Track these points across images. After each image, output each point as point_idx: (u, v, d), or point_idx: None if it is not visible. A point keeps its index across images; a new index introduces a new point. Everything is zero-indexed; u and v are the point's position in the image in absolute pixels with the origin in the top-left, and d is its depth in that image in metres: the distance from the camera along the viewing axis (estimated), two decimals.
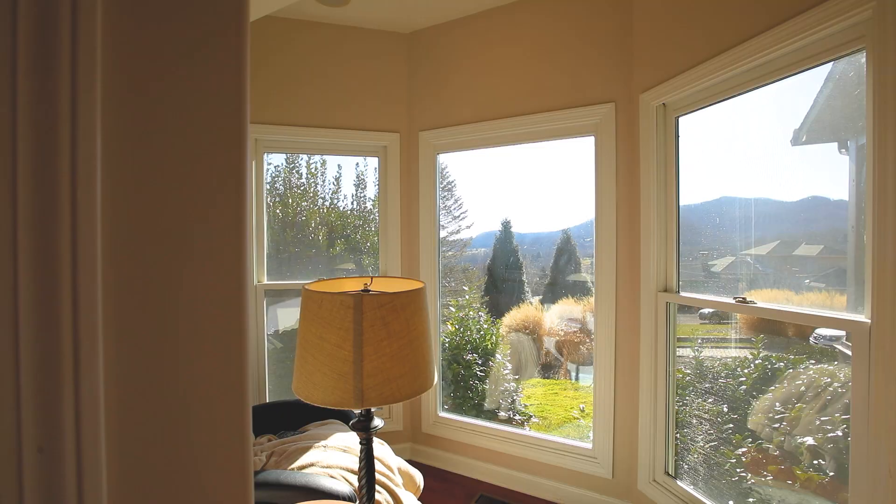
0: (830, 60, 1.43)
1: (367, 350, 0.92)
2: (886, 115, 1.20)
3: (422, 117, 2.79)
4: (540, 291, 4.05)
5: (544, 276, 4.05)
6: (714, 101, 1.80)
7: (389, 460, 1.87)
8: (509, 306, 3.94)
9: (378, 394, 0.92)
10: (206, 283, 0.46)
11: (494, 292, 3.95)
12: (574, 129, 2.35)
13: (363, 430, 1.08)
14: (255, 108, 2.62)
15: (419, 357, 1.00)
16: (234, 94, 0.48)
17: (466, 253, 3.96)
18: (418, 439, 2.89)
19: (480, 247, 4.01)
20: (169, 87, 0.44)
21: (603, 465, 2.30)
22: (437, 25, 2.72)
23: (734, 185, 1.83)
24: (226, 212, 0.48)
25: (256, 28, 2.60)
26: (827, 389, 1.56)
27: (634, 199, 2.18)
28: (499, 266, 3.93)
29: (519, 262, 3.99)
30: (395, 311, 0.95)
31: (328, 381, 0.93)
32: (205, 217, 0.48)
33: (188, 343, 0.45)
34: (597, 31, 2.25)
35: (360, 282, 1.21)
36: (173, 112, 0.44)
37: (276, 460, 1.66)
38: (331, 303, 0.93)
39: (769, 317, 1.67)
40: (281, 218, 3.14)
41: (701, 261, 1.97)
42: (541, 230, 3.87)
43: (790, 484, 1.66)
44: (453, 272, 3.94)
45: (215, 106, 0.47)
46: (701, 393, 1.98)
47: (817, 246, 1.56)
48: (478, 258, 4.02)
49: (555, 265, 3.85)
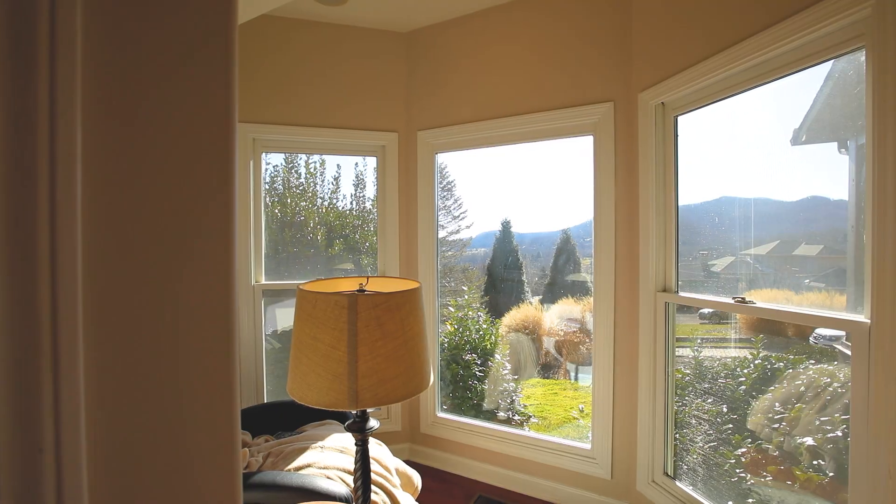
0: (830, 59, 1.42)
1: (362, 350, 0.91)
2: (886, 113, 1.19)
3: (420, 117, 2.78)
4: (540, 291, 4.05)
5: (544, 276, 4.05)
6: (713, 101, 1.79)
7: (387, 461, 1.87)
8: (509, 306, 3.94)
9: (373, 395, 0.92)
10: (193, 284, 0.45)
11: (494, 292, 3.95)
12: (573, 128, 2.34)
13: (359, 432, 1.07)
14: (252, 108, 2.61)
15: (414, 358, 0.99)
16: (223, 93, 0.47)
17: (466, 253, 3.96)
18: (417, 440, 2.88)
19: (480, 247, 4.01)
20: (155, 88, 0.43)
21: (602, 465, 2.29)
22: (436, 24, 2.71)
23: (734, 185, 1.82)
24: (214, 214, 0.47)
25: (254, 27, 2.59)
26: (826, 390, 1.55)
27: (633, 198, 2.17)
28: (498, 266, 3.93)
29: (518, 261, 3.99)
30: (390, 312, 0.94)
31: (322, 381, 0.92)
32: (192, 219, 0.47)
33: (175, 345, 0.44)
34: (595, 30, 2.24)
35: (355, 282, 1.21)
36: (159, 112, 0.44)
37: (272, 461, 1.65)
38: (325, 303, 0.93)
39: (768, 317, 1.66)
40: (280, 218, 3.13)
41: (701, 260, 1.96)
42: (540, 230, 3.87)
43: (790, 484, 1.65)
44: (453, 272, 3.94)
45: (202, 106, 0.47)
46: (700, 393, 1.98)
47: (817, 246, 1.55)
48: (477, 258, 4.01)
49: (554, 265, 3.85)
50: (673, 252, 2.03)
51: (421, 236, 2.80)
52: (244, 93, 2.60)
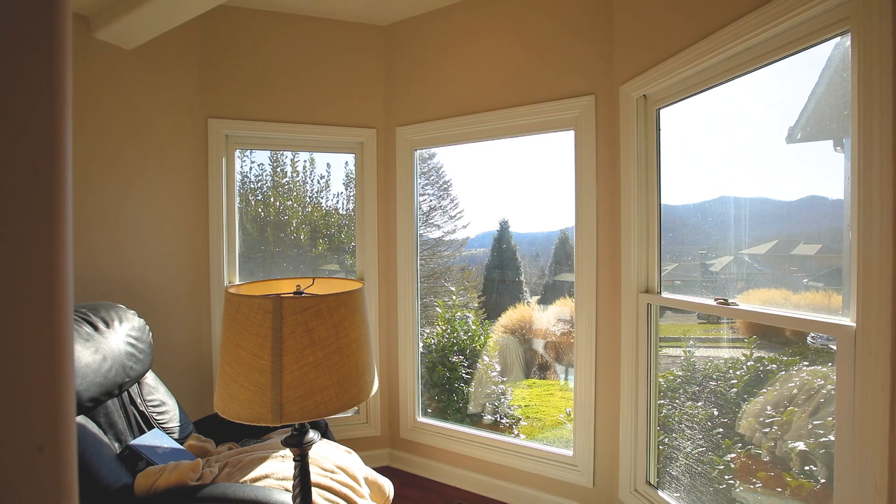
0: (816, 44, 1.34)
1: (288, 359, 0.83)
2: (871, 100, 1.10)
3: (399, 112, 2.70)
4: (538, 291, 4.00)
5: (543, 277, 3.99)
6: (695, 92, 1.70)
7: (355, 471, 1.78)
8: (506, 306, 3.88)
9: (299, 408, 0.83)
10: None
11: (491, 292, 3.90)
12: (553, 123, 2.25)
13: (296, 446, 0.98)
14: (223, 104, 2.53)
15: (351, 366, 0.90)
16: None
17: (464, 253, 3.89)
18: (396, 445, 2.79)
19: (479, 247, 3.95)
20: None
21: (583, 473, 2.20)
22: (416, 17, 2.62)
23: (732, 185, 1.77)
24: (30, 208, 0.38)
25: (226, 22, 2.51)
26: (820, 392, 1.50)
27: (615, 196, 2.08)
28: (496, 266, 3.88)
29: (517, 262, 3.93)
30: (321, 317, 0.86)
31: (245, 393, 0.84)
32: None
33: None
34: (578, 19, 2.15)
35: (303, 283, 1.12)
36: None
37: (228, 472, 1.57)
38: (248, 307, 0.84)
39: (750, 319, 1.59)
40: (263, 217, 3.05)
41: (699, 260, 1.89)
42: (539, 230, 3.81)
43: (780, 491, 1.59)
44: (450, 272, 3.87)
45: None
46: (690, 395, 1.90)
47: (816, 245, 1.51)
48: (476, 258, 3.96)
49: (553, 265, 3.79)
50: (656, 252, 1.94)
51: (400, 234, 2.72)
52: (216, 89, 2.52)
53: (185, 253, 2.47)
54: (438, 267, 3.96)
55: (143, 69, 2.29)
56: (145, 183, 2.31)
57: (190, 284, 2.48)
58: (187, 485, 1.41)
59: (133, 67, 2.25)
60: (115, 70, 2.19)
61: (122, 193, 2.23)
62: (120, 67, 2.20)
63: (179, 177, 2.44)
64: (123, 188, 2.23)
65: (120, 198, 2.22)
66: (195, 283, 2.50)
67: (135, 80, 2.26)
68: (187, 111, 2.46)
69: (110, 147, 2.18)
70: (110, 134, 2.18)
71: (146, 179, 2.32)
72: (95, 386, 1.51)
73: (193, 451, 1.80)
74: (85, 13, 2.05)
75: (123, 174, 2.23)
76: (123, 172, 2.23)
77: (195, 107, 2.49)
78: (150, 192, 2.33)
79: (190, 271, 2.49)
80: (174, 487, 1.39)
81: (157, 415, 1.84)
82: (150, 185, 2.33)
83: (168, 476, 1.40)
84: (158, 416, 1.83)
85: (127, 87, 2.23)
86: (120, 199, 2.22)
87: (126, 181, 2.24)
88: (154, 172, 2.34)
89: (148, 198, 2.32)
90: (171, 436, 1.81)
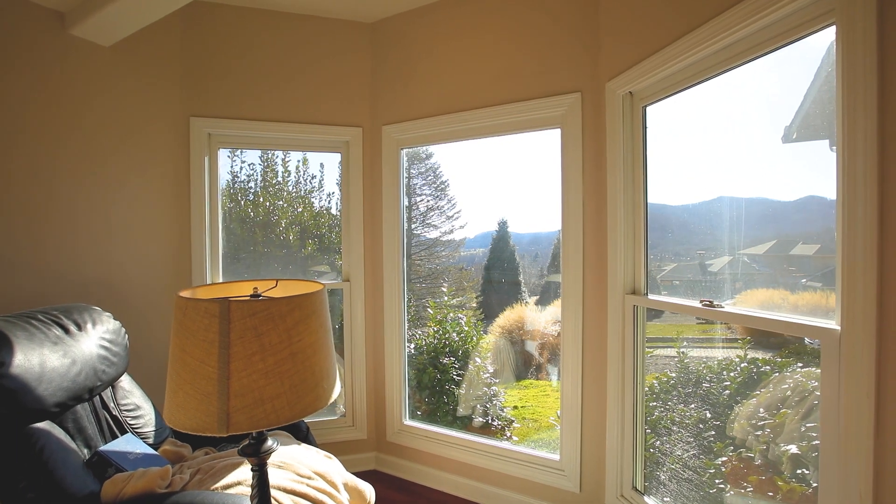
0: (802, 37, 1.31)
1: (236, 366, 0.79)
2: (855, 94, 1.06)
3: (385, 111, 2.65)
4: (537, 292, 3.97)
5: (541, 277, 3.96)
6: (682, 88, 1.66)
7: (333, 476, 1.74)
8: (504, 307, 3.85)
9: (247, 417, 0.79)
10: None
11: (490, 293, 3.87)
12: (539, 120, 2.21)
13: (253, 455, 0.94)
14: (207, 102, 2.49)
15: (306, 373, 0.86)
16: None
17: (462, 253, 3.86)
18: (383, 448, 2.75)
19: (478, 247, 3.92)
20: None
21: (570, 478, 2.15)
22: (402, 13, 2.58)
23: (728, 185, 1.75)
24: None
25: (208, 19, 2.47)
26: (813, 394, 1.48)
27: (602, 196, 2.03)
28: (495, 266, 3.85)
29: (516, 262, 3.90)
30: (272, 321, 0.82)
31: (191, 402, 0.80)
32: None
33: None
34: (565, 13, 2.10)
35: (264, 285, 1.08)
36: None
37: (200, 478, 1.53)
38: (195, 311, 0.80)
39: (734, 322, 1.57)
40: (252, 217, 3.01)
41: (699, 260, 1.86)
42: (539, 230, 3.79)
43: (771, 496, 1.57)
44: (448, 273, 3.83)
45: None
46: (683, 398, 1.86)
47: (814, 245, 1.49)
48: (475, 258, 3.93)
49: (552, 265, 3.76)
50: (642, 252, 1.90)
51: (386, 234, 2.68)
52: (198, 87, 2.48)
53: (166, 254, 2.43)
54: (436, 268, 3.92)
55: (121, 67, 2.24)
56: (124, 183, 2.27)
57: (171, 286, 2.44)
58: (155, 492, 1.37)
59: (111, 65, 2.21)
60: (92, 67, 2.14)
61: (101, 193, 2.19)
62: (97, 65, 2.16)
63: (160, 176, 2.40)
64: (102, 188, 2.19)
65: (98, 197, 2.18)
66: (176, 285, 2.46)
67: (113, 78, 2.22)
68: (168, 109, 2.42)
69: (87, 145, 2.14)
70: (87, 132, 2.13)
71: (125, 179, 2.27)
72: (62, 391, 1.46)
73: (168, 456, 1.75)
74: (60, 9, 2.01)
75: (102, 173, 2.19)
76: (102, 171, 2.19)
77: (176, 105, 2.44)
78: (129, 192, 2.29)
79: (171, 273, 2.45)
80: (141, 494, 1.35)
81: (132, 419, 1.80)
82: (129, 184, 2.29)
83: (135, 483, 1.36)
84: (133, 421, 1.79)
85: (105, 85, 2.19)
86: (98, 198, 2.18)
87: (104, 180, 2.20)
88: (133, 172, 2.30)
89: (127, 197, 2.28)
90: (145, 441, 1.77)
